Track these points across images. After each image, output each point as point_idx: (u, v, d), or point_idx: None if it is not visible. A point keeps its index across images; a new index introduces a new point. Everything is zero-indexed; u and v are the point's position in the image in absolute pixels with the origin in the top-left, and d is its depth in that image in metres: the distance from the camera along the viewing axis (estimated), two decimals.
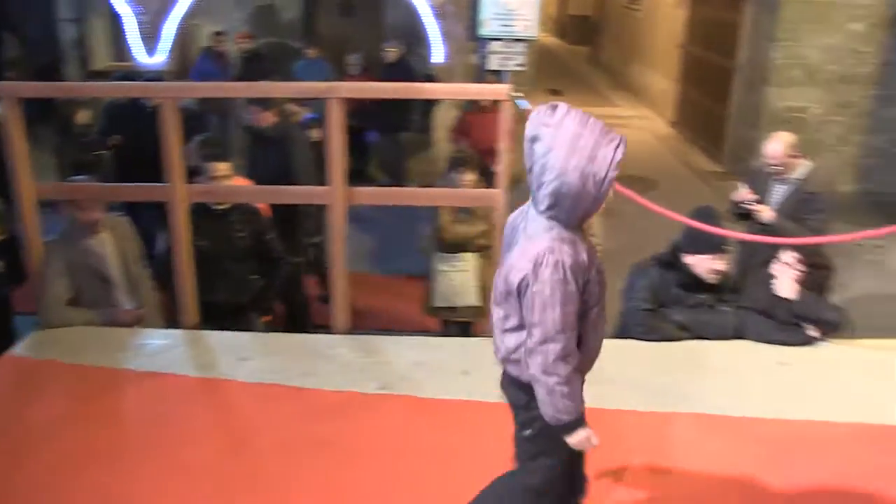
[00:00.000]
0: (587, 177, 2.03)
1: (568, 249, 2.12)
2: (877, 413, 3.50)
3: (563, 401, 2.21)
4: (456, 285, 4.52)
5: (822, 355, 3.95)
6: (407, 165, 8.97)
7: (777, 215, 4.70)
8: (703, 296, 3.97)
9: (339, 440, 3.25)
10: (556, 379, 2.18)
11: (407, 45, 9.21)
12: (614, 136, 2.09)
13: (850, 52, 9.02)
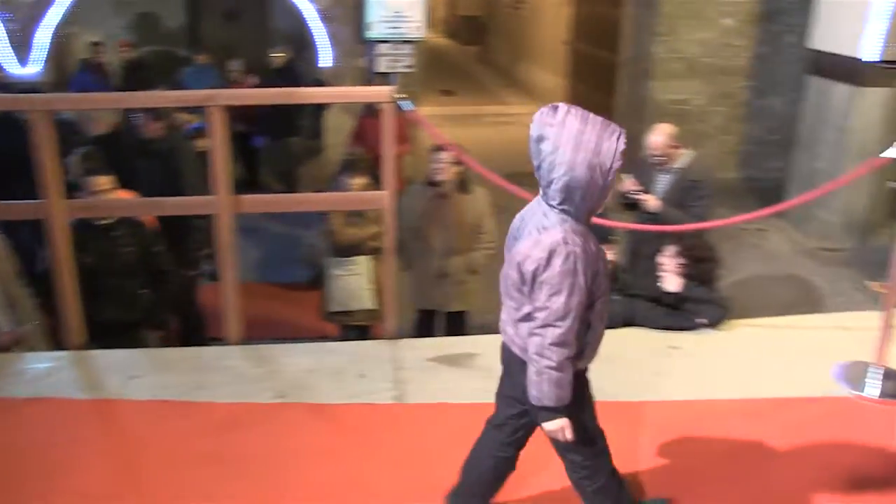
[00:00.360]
0: (594, 169, 2.14)
1: (580, 241, 2.22)
2: (764, 387, 3.66)
3: (549, 386, 2.29)
4: (350, 289, 4.50)
5: (710, 337, 4.10)
6: (298, 172, 8.87)
7: (662, 204, 4.85)
8: None
9: (233, 452, 3.20)
10: (548, 363, 2.26)
11: (294, 49, 9.11)
12: (614, 129, 2.20)
13: (725, 46, 9.38)
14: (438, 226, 4.75)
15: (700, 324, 4.11)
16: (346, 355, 3.95)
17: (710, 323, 4.12)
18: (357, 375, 3.73)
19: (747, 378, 3.74)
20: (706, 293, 4.14)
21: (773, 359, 3.94)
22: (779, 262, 7.17)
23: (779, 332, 4.24)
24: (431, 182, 4.82)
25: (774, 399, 3.59)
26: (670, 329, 4.08)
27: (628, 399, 3.55)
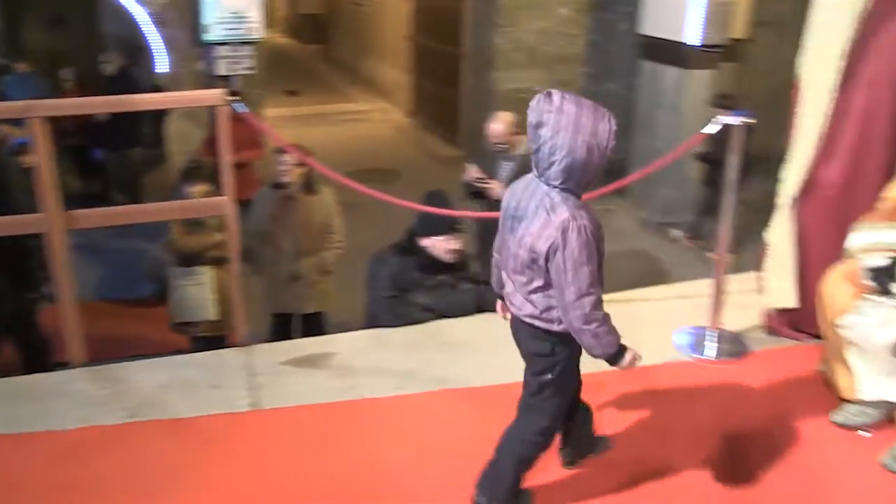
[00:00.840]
0: (592, 149, 2.34)
1: (585, 215, 2.41)
2: None
3: (607, 338, 2.53)
4: (194, 299, 4.39)
5: None
6: (141, 183, 8.56)
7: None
8: (443, 276, 4.12)
9: (88, 480, 3.06)
10: (597, 324, 2.48)
11: (129, 55, 8.76)
12: (604, 111, 2.40)
13: (562, 35, 9.69)
14: (287, 228, 4.71)
15: None
16: (198, 367, 3.84)
17: None
18: (211, 386, 3.65)
19: None
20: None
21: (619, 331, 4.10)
22: (626, 238, 7.49)
23: (625, 305, 4.42)
24: (278, 184, 4.76)
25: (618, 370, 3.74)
26: None
27: (485, 384, 3.63)
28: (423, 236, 4.06)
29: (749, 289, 4.25)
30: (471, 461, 3.12)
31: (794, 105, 3.69)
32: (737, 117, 3.60)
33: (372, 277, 4.12)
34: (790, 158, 3.72)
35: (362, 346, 4.01)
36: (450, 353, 3.89)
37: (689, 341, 3.98)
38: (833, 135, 3.58)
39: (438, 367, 3.77)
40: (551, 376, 2.68)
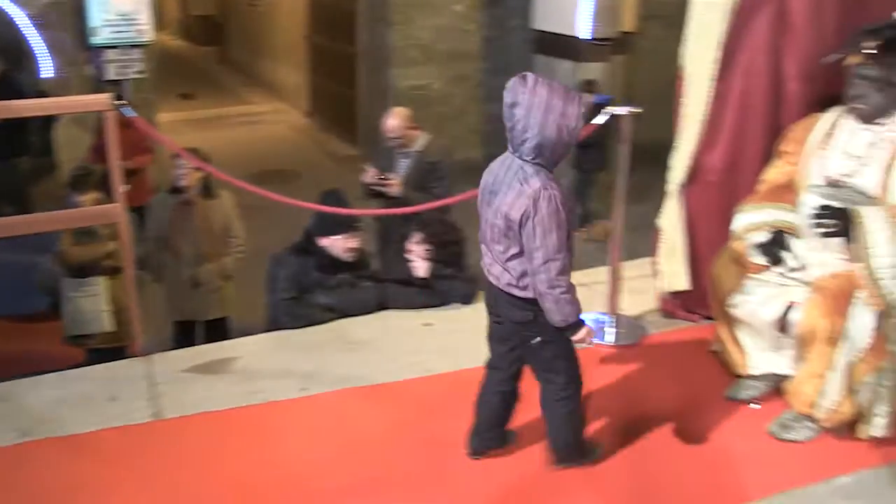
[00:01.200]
0: (562, 128, 2.52)
1: (555, 185, 2.59)
2: None
3: (567, 306, 2.67)
4: (87, 311, 4.26)
5: (462, 312, 4.27)
6: (29, 193, 8.22)
7: (404, 187, 4.98)
8: (343, 275, 4.11)
9: None
10: (560, 290, 2.63)
11: (9, 60, 8.39)
12: (573, 94, 2.58)
13: (457, 31, 9.76)
14: (186, 233, 4.61)
15: (452, 300, 4.27)
16: (95, 380, 3.72)
17: (462, 299, 4.29)
18: (108, 399, 3.54)
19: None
20: (455, 272, 4.30)
21: None
22: None
23: None
24: (175, 189, 4.66)
25: None
26: (423, 307, 4.21)
27: (389, 380, 3.63)
28: (320, 236, 4.04)
29: (644, 274, 4.38)
30: (378, 458, 3.14)
31: (679, 95, 3.81)
32: (625, 108, 3.71)
33: (271, 279, 4.07)
34: (677, 146, 3.84)
35: (264, 349, 3.96)
36: (353, 352, 3.88)
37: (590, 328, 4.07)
38: (714, 122, 3.71)
39: (342, 366, 3.75)
40: (540, 339, 2.83)
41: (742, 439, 3.26)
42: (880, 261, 2.92)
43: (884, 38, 2.98)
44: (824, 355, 3.05)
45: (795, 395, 3.21)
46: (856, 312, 3.01)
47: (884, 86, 3.02)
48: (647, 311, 4.25)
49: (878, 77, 3.01)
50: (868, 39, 3.01)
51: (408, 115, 5.12)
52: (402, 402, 3.50)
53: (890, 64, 2.97)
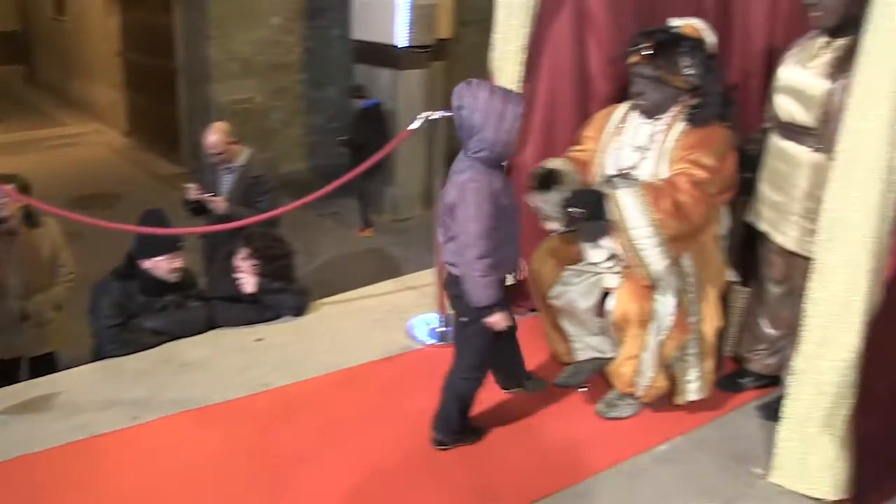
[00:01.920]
0: (500, 129, 2.82)
1: (484, 179, 2.86)
2: (351, 357, 3.91)
3: (483, 290, 2.92)
4: None
5: (294, 323, 4.25)
6: None
7: (228, 204, 4.89)
8: (169, 297, 3.99)
9: None
10: (477, 273, 2.88)
11: None
12: (512, 96, 2.89)
13: (277, 44, 9.66)
14: (11, 265, 4.31)
15: (283, 313, 4.24)
16: None
17: (293, 312, 4.27)
18: None
19: (334, 352, 3.95)
20: (285, 285, 4.27)
21: (355, 329, 4.21)
22: (357, 239, 7.62)
23: (358, 303, 4.53)
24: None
25: (361, 365, 3.84)
26: (254, 323, 4.16)
27: (224, 400, 3.56)
28: (142, 258, 3.90)
29: None
30: (217, 479, 3.06)
31: None
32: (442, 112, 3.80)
33: (95, 307, 3.89)
34: None
35: (90, 380, 3.78)
36: (185, 375, 3.77)
37: (422, 329, 4.14)
38: (525, 122, 3.86)
39: (174, 390, 3.64)
40: (466, 318, 3.06)
41: (574, 422, 3.42)
42: (635, 232, 3.12)
43: (656, 41, 3.21)
44: (637, 337, 3.25)
45: (617, 376, 3.39)
46: (658, 294, 3.22)
47: (659, 84, 3.24)
48: None
49: (653, 76, 3.23)
50: (643, 42, 3.23)
51: (228, 130, 5.04)
52: (238, 420, 3.44)
53: (661, 65, 3.20)
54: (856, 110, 2.60)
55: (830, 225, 2.71)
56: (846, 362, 2.76)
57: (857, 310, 2.70)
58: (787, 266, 3.40)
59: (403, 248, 7.08)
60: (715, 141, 3.22)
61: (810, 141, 3.14)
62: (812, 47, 3.21)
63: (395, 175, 8.06)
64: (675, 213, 3.11)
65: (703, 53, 3.23)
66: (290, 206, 4.25)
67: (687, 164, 3.18)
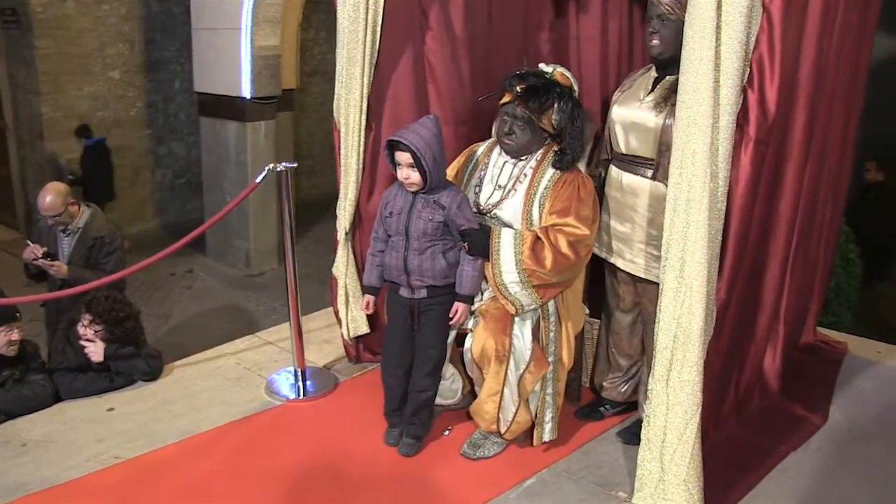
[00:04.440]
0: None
1: (390, 188, 3.43)
2: (208, 419, 3.80)
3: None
4: None
5: (147, 389, 4.10)
6: None
7: (70, 268, 4.69)
8: (7, 372, 3.77)
9: None
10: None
11: None
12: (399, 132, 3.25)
13: (116, 98, 9.40)
14: None
15: (135, 379, 4.09)
16: None
17: (146, 377, 4.12)
18: None
19: (191, 416, 3.83)
20: (134, 350, 4.12)
21: (212, 390, 4.10)
22: (213, 297, 7.45)
23: (215, 362, 4.42)
24: None
25: (220, 427, 3.74)
26: (104, 392, 3.99)
27: (74, 477, 3.37)
28: None
29: (331, 323, 4.49)
30: None
31: (337, 147, 3.97)
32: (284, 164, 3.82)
33: None
34: (342, 195, 3.99)
35: None
36: (28, 454, 3.54)
37: (282, 384, 4.09)
38: (370, 171, 3.94)
39: (16, 473, 3.41)
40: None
41: (440, 465, 3.44)
42: (506, 276, 3.27)
43: (527, 84, 3.34)
44: (497, 374, 3.31)
45: (479, 414, 3.44)
46: (515, 330, 3.32)
47: (528, 125, 3.37)
48: (336, 359, 4.37)
49: (524, 117, 3.36)
50: (516, 83, 3.37)
51: (66, 190, 4.84)
52: (90, 498, 3.27)
53: (532, 107, 3.33)
54: (679, 143, 2.81)
55: (669, 249, 2.89)
56: (691, 382, 2.92)
57: (697, 330, 2.87)
58: (635, 294, 3.58)
59: (259, 303, 6.97)
60: (587, 193, 3.37)
61: (649, 171, 3.35)
62: (645, 82, 3.43)
63: (247, 230, 7.96)
64: (552, 267, 3.24)
65: (571, 101, 3.38)
66: (137, 266, 4.11)
67: (565, 217, 3.30)
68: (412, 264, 3.33)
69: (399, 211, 3.35)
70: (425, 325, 3.42)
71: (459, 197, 3.32)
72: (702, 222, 2.79)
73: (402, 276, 3.37)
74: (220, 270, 7.92)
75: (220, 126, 8.19)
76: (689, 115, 2.76)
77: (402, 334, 3.47)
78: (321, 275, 5.49)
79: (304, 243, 8.31)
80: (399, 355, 3.50)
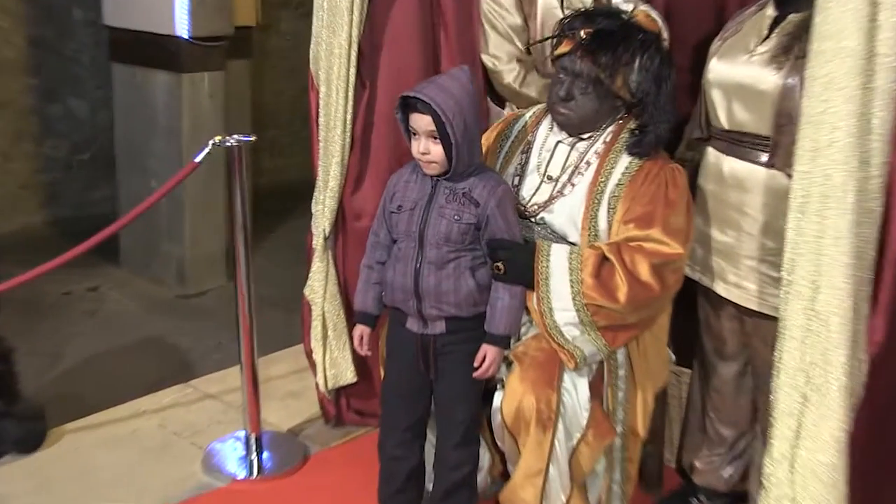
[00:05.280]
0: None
1: (400, 171, 3.49)
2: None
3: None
4: None
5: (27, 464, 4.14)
6: None
7: None
8: None
9: None
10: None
11: None
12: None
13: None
14: None
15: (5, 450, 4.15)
16: None
17: (22, 447, 4.17)
18: None
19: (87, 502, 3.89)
20: (3, 408, 4.17)
21: (122, 465, 4.15)
22: (127, 327, 7.48)
23: (128, 423, 4.48)
24: None
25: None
26: None
27: None
28: None
29: (298, 368, 4.54)
30: None
31: (313, 112, 4.03)
32: (237, 137, 3.88)
33: None
34: (320, 184, 4.04)
35: None
36: None
37: (226, 458, 4.14)
38: (364, 147, 3.99)
39: None
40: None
41: None
42: (558, 315, 3.27)
43: (597, 27, 3.31)
44: (540, 446, 3.29)
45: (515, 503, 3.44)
46: (566, 382, 3.31)
47: (597, 88, 3.33)
48: (306, 420, 4.42)
49: (588, 75, 3.31)
50: (579, 25, 3.34)
51: None
52: None
53: (604, 63, 3.28)
54: (811, 114, 2.77)
55: (794, 268, 2.86)
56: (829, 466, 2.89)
57: (838, 388, 2.85)
58: (742, 333, 3.59)
59: (196, 337, 7.00)
60: (680, 193, 3.36)
61: (763, 155, 3.34)
62: (757, 25, 3.42)
63: (181, 230, 7.99)
64: (628, 301, 3.21)
65: (659, 54, 3.37)
66: (11, 281, 4.15)
67: (647, 228, 3.28)
68: (427, 284, 3.31)
69: (412, 205, 3.34)
70: (447, 374, 3.42)
71: (501, 190, 3.31)
72: (844, 229, 2.77)
73: (410, 301, 3.36)
74: (140, 288, 7.93)
75: (143, 77, 8.17)
76: (826, 71, 2.73)
77: (411, 385, 3.49)
78: (288, 297, 5.53)
79: (265, 251, 8.33)
80: (406, 415, 3.52)
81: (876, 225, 2.87)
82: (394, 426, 3.54)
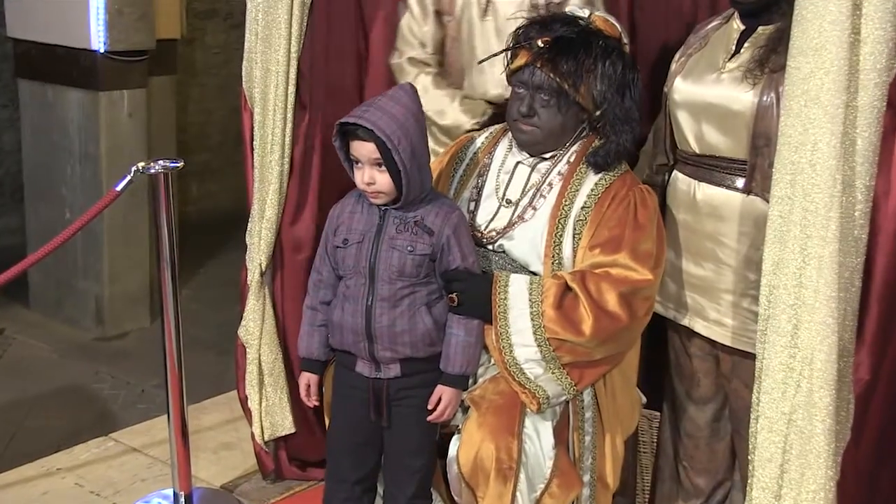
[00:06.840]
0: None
1: (343, 201, 3.50)
2: None
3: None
4: None
5: None
6: None
7: None
8: None
9: None
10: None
11: None
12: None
13: None
14: None
15: None
16: None
17: None
18: None
19: None
20: None
21: None
22: (38, 373, 7.43)
23: (37, 484, 4.44)
24: None
25: None
26: None
27: None
28: None
29: (233, 417, 4.54)
30: None
31: (246, 134, 4.04)
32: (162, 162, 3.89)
33: None
34: (256, 213, 4.05)
35: None
36: None
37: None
38: (303, 173, 4.01)
39: None
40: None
41: None
42: (518, 351, 3.29)
43: (554, 35, 3.35)
44: (500, 498, 3.27)
45: None
46: (528, 428, 3.31)
47: (557, 100, 3.37)
48: (242, 475, 4.42)
49: (549, 87, 3.35)
50: (535, 34, 3.38)
51: None
52: None
53: (563, 71, 3.32)
54: (790, 133, 2.80)
55: (774, 302, 2.89)
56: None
57: (823, 432, 2.86)
58: (717, 374, 3.62)
59: (117, 384, 6.97)
60: (649, 215, 3.39)
61: (739, 180, 3.37)
62: (725, 39, 3.47)
63: (100, 265, 7.96)
64: (594, 333, 3.23)
65: (622, 60, 3.40)
66: None
67: (613, 253, 3.30)
68: (380, 324, 3.32)
69: (360, 237, 3.36)
70: (402, 422, 3.43)
71: (455, 216, 3.35)
72: (827, 259, 2.79)
73: (361, 343, 3.37)
74: (53, 331, 7.88)
75: (55, 96, 8.13)
76: (806, 88, 2.76)
77: (360, 434, 3.49)
78: (220, 339, 5.53)
79: (194, 288, 8.31)
80: (354, 467, 3.53)
81: (862, 254, 2.91)
82: (341, 479, 3.54)
